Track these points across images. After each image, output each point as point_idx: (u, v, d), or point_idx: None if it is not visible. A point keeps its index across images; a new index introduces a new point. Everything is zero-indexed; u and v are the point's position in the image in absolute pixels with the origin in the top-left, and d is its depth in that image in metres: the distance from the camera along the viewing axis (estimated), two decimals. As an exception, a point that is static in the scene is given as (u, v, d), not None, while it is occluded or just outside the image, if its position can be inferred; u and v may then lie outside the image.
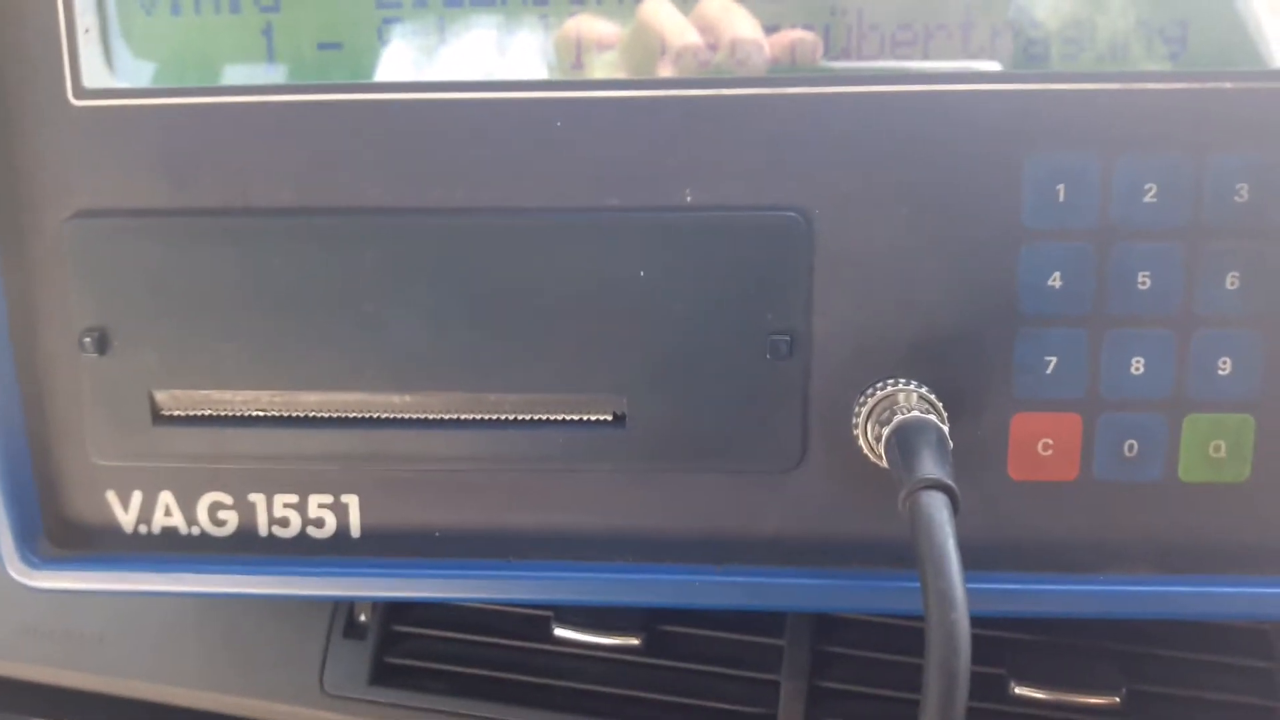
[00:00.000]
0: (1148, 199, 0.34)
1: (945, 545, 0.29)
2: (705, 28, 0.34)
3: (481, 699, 0.45)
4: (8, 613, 0.49)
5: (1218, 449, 0.36)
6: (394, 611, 0.47)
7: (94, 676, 0.48)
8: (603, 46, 0.35)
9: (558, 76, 0.35)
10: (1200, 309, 0.35)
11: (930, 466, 0.31)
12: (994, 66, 0.34)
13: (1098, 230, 0.35)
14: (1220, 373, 0.35)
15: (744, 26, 0.34)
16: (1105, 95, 0.34)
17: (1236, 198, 0.34)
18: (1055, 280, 0.35)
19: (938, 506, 0.30)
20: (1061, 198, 0.34)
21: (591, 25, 0.35)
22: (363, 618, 0.47)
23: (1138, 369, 0.35)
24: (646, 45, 0.34)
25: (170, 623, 0.48)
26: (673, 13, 0.34)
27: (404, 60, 0.35)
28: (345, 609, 0.47)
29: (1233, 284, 0.35)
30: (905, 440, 0.32)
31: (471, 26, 0.35)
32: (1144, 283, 0.35)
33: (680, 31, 0.34)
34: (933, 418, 0.33)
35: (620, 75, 0.35)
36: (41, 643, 0.48)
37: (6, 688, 0.49)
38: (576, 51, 0.35)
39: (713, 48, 0.34)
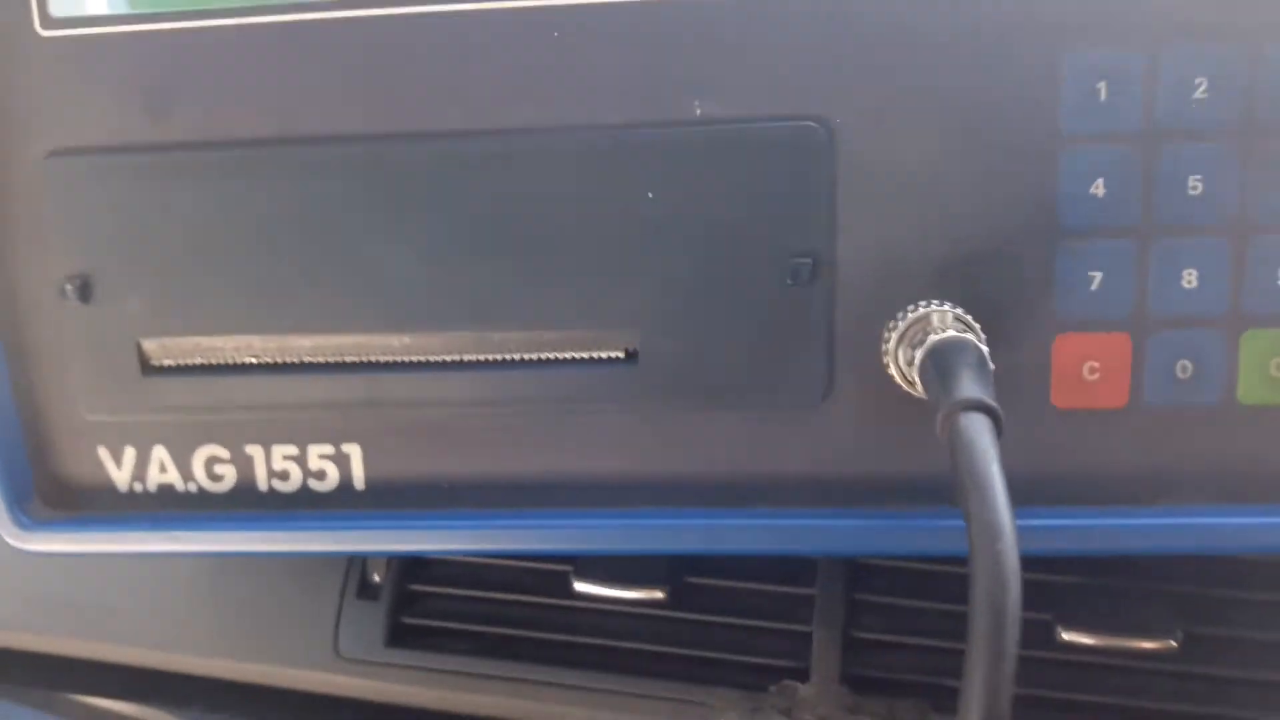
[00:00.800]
0: (1197, 95, 0.32)
1: (989, 470, 0.27)
2: None
3: (502, 658, 0.43)
4: (13, 583, 0.48)
5: (1279, 367, 0.33)
6: (409, 571, 0.45)
7: (104, 645, 0.47)
8: None
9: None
10: (1257, 215, 0.32)
11: (970, 386, 0.28)
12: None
13: (1143, 132, 0.32)
14: None
15: None
16: None
17: (1296, 90, 0.31)
18: (1098, 188, 0.32)
19: (980, 429, 0.28)
20: (1103, 97, 0.32)
21: None
22: (376, 578, 0.45)
23: (1190, 282, 0.33)
24: None
25: (181, 590, 0.47)
26: None
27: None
28: (358, 570, 0.45)
29: None
30: (941, 361, 0.30)
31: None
32: (1195, 188, 0.32)
33: None
34: (970, 336, 0.31)
35: None
36: (50, 613, 0.48)
37: (15, 659, 0.49)
38: None
39: None
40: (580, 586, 0.43)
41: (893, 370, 0.33)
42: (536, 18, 0.32)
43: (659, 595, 0.43)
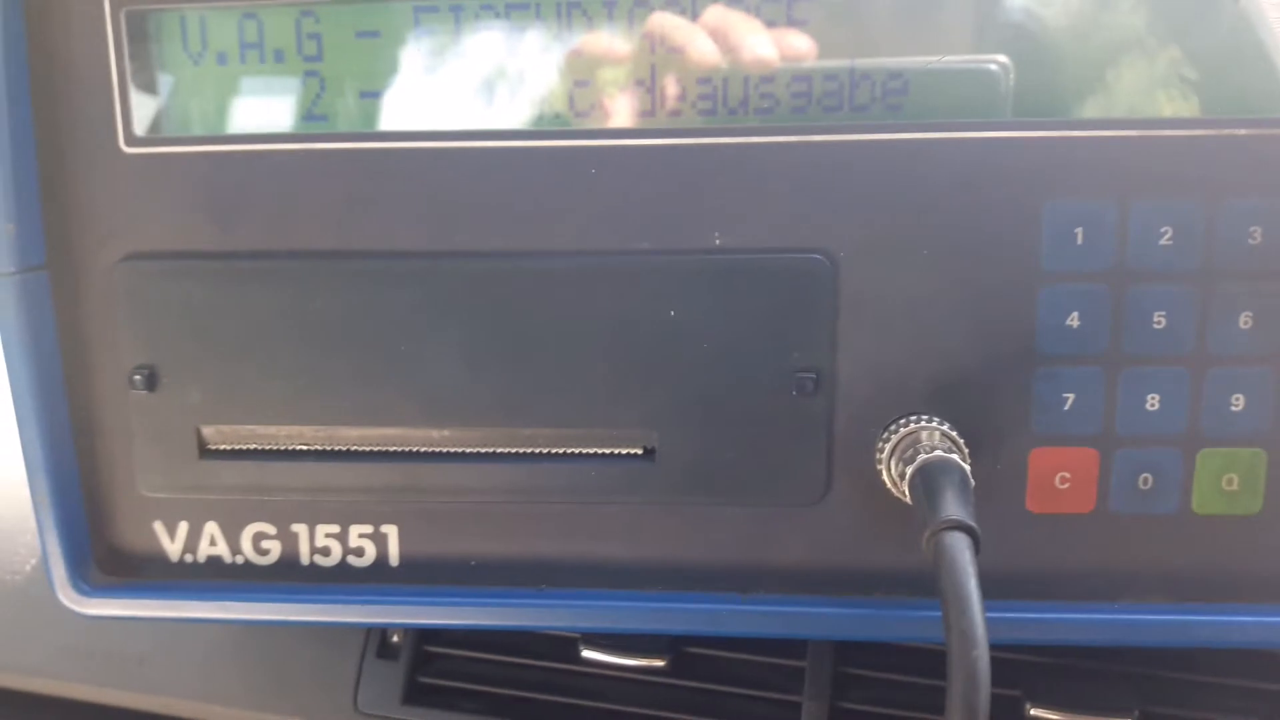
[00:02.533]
0: (1163, 242, 0.35)
1: (967, 585, 0.30)
2: (714, 32, 0.35)
3: (512, 718, 0.46)
4: (51, 634, 0.50)
5: (1230, 482, 0.37)
6: (426, 633, 0.48)
7: (135, 695, 0.50)
8: (612, 61, 0.36)
9: (581, 125, 0.36)
10: (1214, 348, 0.36)
11: (953, 508, 0.32)
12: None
13: (1114, 272, 0.36)
14: (1233, 409, 0.36)
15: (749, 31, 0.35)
16: (1121, 142, 0.35)
17: (1250, 240, 0.35)
18: (1073, 320, 0.36)
19: (960, 547, 0.31)
20: (1079, 241, 0.36)
21: (599, 41, 0.36)
22: (395, 639, 0.48)
23: (1153, 405, 0.36)
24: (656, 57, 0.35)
25: (209, 644, 0.49)
26: (680, 21, 0.35)
27: (434, 108, 0.37)
28: (379, 631, 0.48)
29: (1246, 324, 0.36)
30: (929, 480, 0.33)
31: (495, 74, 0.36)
32: (1159, 323, 0.36)
33: (691, 36, 0.35)
34: (955, 457, 0.34)
35: (630, 88, 0.36)
36: (84, 662, 0.50)
37: (51, 706, 0.51)
38: (590, 68, 0.36)
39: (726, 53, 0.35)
40: (587, 653, 0.46)
41: (885, 478, 0.36)
42: (576, 155, 0.36)
43: (659, 663, 0.46)
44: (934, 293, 0.36)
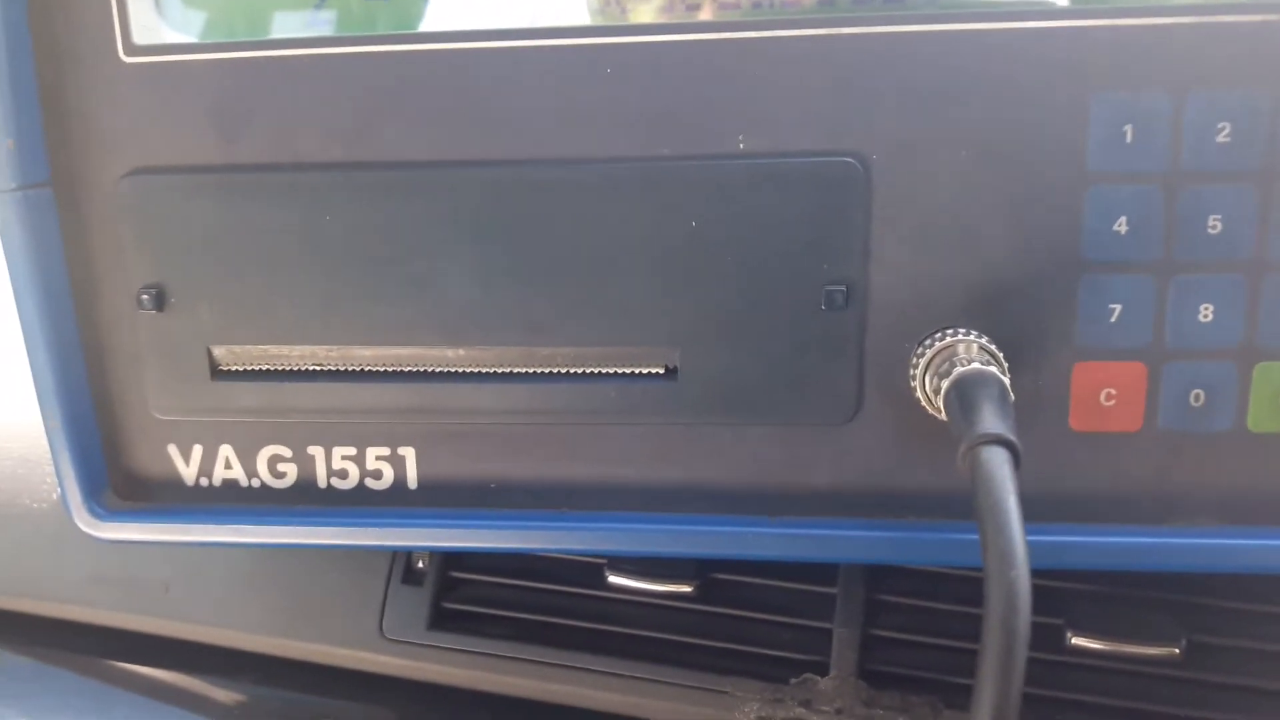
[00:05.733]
0: (1220, 139, 0.33)
1: (1006, 502, 0.29)
2: None
3: (537, 644, 0.45)
4: (78, 561, 0.50)
5: None
6: (451, 559, 0.47)
7: (161, 621, 0.50)
8: None
9: (604, 22, 0.34)
10: (1273, 254, 0.34)
11: (991, 420, 0.30)
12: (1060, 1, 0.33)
13: (1167, 172, 0.33)
14: None
15: None
16: (1176, 29, 0.32)
17: (1316, 136, 0.33)
18: (1121, 225, 0.34)
19: (999, 462, 0.29)
20: (1129, 138, 0.33)
21: None
22: (421, 565, 0.47)
23: (1206, 316, 0.34)
24: None
25: (233, 570, 0.49)
26: None
27: (449, 7, 0.35)
28: (404, 557, 0.48)
29: None
30: (965, 393, 0.32)
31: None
32: (1214, 227, 0.34)
33: None
34: (994, 369, 0.32)
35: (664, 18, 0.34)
36: (110, 590, 0.50)
37: (78, 631, 0.51)
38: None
39: None
40: (613, 579, 0.45)
41: (919, 395, 0.35)
42: (591, 55, 0.34)
43: (687, 589, 0.45)
44: (972, 197, 0.34)
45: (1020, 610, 0.28)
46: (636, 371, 0.37)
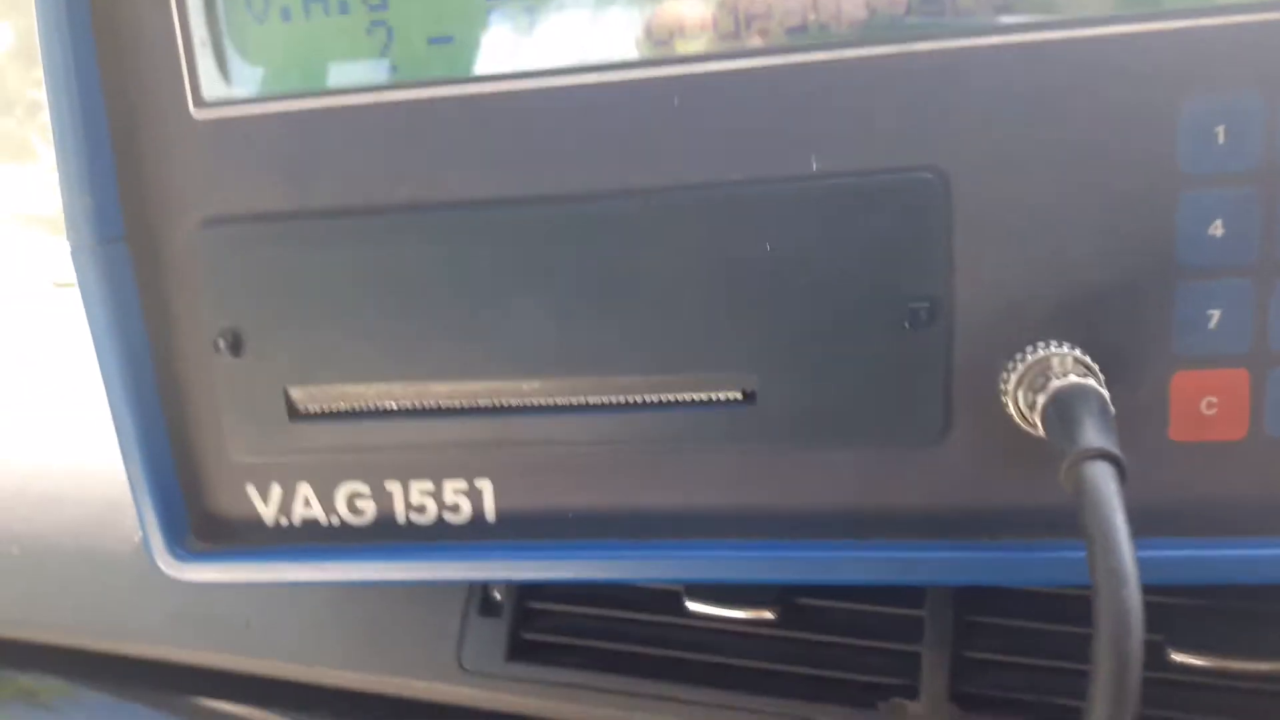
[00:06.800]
0: None
1: (1114, 519, 0.28)
2: None
3: (617, 673, 0.45)
4: (161, 601, 0.51)
5: None
6: (528, 589, 0.47)
7: (241, 658, 0.50)
8: (697, 27, 0.33)
9: (661, 54, 0.34)
10: None
11: (1094, 436, 0.29)
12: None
13: (1263, 171, 0.32)
14: None
15: None
16: (1265, 26, 0.31)
17: None
18: (1217, 228, 0.33)
19: (1105, 478, 0.28)
20: (1221, 140, 0.32)
21: (683, 5, 0.33)
22: (498, 596, 0.47)
23: None
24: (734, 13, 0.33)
25: (313, 607, 0.49)
26: None
27: (507, 49, 0.35)
28: (480, 589, 0.47)
29: None
30: (1064, 408, 0.30)
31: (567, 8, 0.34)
32: None
33: None
34: (1092, 382, 0.31)
35: (711, 7, 0.33)
36: (193, 628, 0.50)
37: (161, 669, 0.52)
38: (669, 36, 0.34)
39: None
40: (692, 606, 0.45)
41: (1011, 411, 0.33)
42: (657, 87, 0.34)
43: (768, 615, 0.44)
44: (1059, 206, 0.33)
45: (1133, 631, 0.26)
46: (714, 398, 0.36)
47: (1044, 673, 0.41)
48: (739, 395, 0.36)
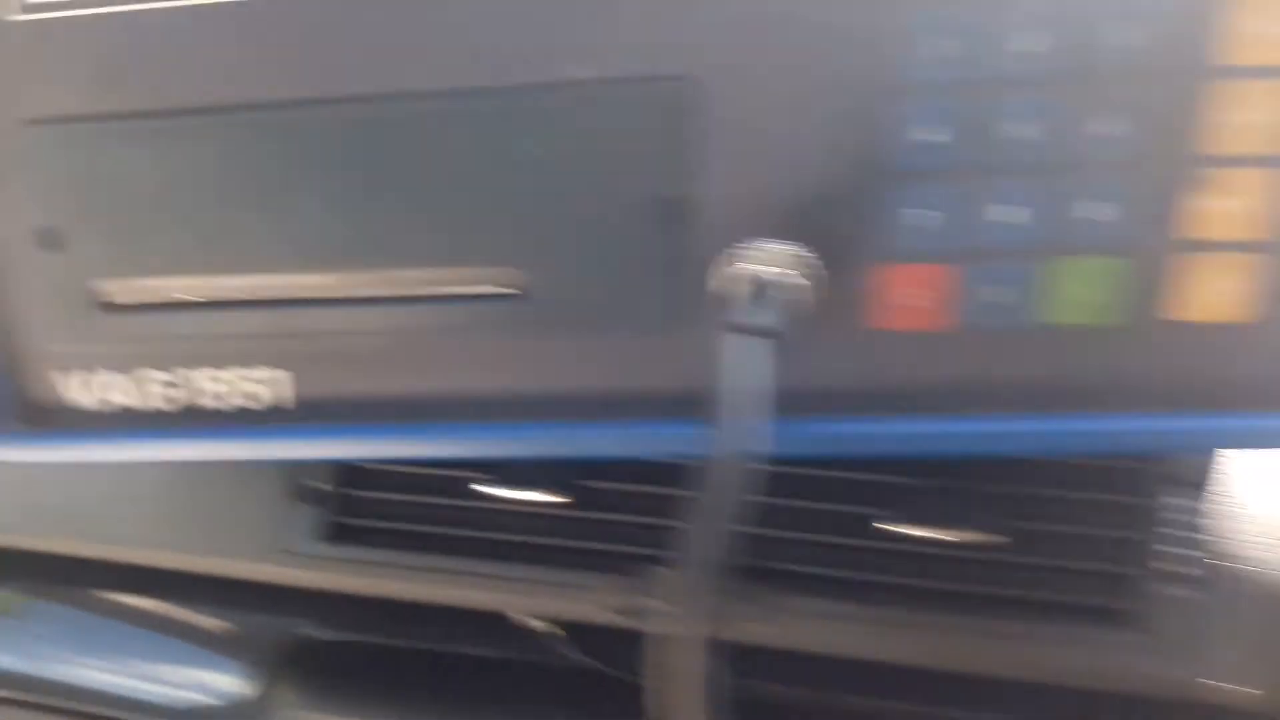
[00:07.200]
0: (1028, 47, 0.34)
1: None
2: None
3: (425, 551, 0.50)
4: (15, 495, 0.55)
5: (1087, 292, 0.36)
6: (348, 479, 0.52)
7: (78, 543, 0.54)
8: None
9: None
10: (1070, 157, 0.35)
11: (750, 312, 0.34)
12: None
13: (978, 81, 0.35)
14: (1091, 219, 0.36)
15: None
16: None
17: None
18: (930, 134, 0.36)
19: (741, 348, 0.34)
20: (938, 51, 0.35)
21: None
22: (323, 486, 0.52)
23: (1011, 219, 0.36)
24: None
25: (154, 496, 0.53)
26: None
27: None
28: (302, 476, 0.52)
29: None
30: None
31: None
32: (1022, 132, 0.35)
33: None
34: (791, 272, 0.36)
35: None
36: (20, 515, 0.55)
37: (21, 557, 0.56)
38: None
39: None
40: (483, 490, 0.50)
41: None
42: None
43: (552, 499, 0.50)
44: (795, 113, 0.36)
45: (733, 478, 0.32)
46: (485, 293, 0.40)
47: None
48: (509, 290, 0.40)
